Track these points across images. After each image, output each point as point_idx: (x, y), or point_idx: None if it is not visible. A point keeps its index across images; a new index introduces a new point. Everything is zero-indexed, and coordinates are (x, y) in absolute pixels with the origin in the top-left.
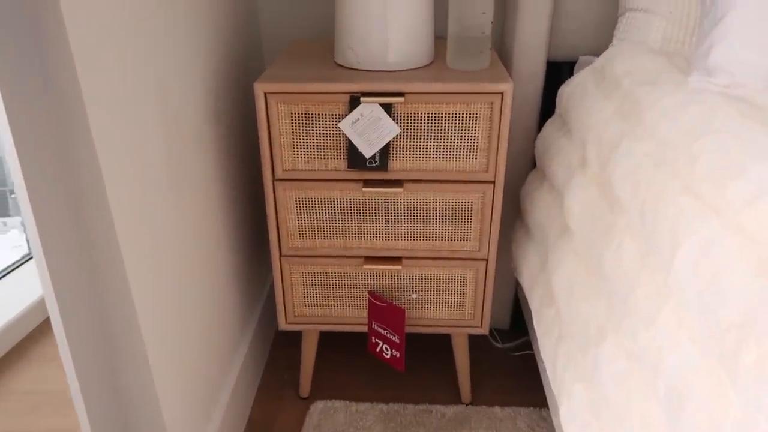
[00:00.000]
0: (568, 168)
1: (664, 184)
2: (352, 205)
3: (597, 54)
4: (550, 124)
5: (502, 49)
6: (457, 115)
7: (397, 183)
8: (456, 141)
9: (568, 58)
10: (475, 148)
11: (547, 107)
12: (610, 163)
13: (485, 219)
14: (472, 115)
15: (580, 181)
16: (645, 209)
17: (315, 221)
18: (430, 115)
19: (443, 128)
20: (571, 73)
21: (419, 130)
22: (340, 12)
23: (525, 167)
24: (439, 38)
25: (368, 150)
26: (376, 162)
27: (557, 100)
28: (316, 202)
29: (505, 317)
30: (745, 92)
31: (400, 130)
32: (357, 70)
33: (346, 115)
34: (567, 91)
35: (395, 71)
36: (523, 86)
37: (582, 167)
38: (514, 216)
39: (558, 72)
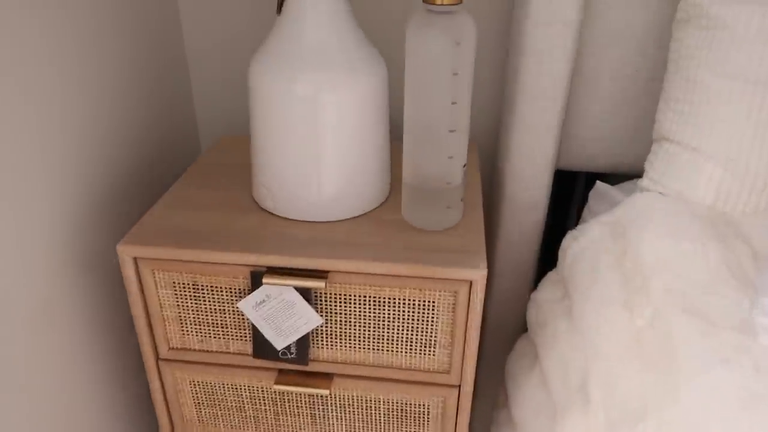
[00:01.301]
0: (564, 382)
1: None
2: (266, 395)
3: (627, 170)
4: (549, 286)
5: (493, 165)
6: (406, 302)
7: (324, 377)
8: (404, 333)
9: (585, 168)
10: (432, 343)
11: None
12: None
13: (447, 428)
14: (427, 304)
15: (579, 423)
16: None
17: (218, 409)
18: (366, 299)
19: (386, 316)
20: (587, 188)
21: (352, 315)
22: (254, 135)
23: (515, 316)
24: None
25: (279, 341)
26: (291, 354)
27: (560, 254)
28: (218, 388)
29: None
30: None
31: (322, 321)
32: (272, 215)
33: (248, 292)
34: (573, 252)
35: (326, 222)
36: (518, 218)
37: (583, 398)
38: (498, 378)
39: (570, 180)
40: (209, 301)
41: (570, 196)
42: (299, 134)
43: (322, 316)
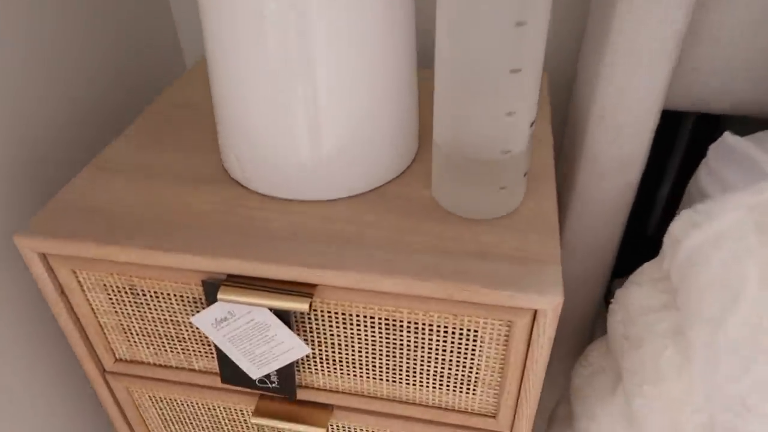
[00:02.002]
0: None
1: None
2: (247, 419)
3: (761, 113)
4: (646, 286)
5: (567, 108)
6: (434, 329)
7: (320, 408)
8: (430, 364)
9: (700, 108)
10: (472, 380)
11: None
12: None
13: None
14: (465, 333)
15: None
16: None
17: (191, 428)
18: (373, 320)
19: (403, 343)
20: (693, 136)
21: (354, 339)
22: (211, 74)
23: (585, 307)
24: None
25: (253, 369)
26: (272, 383)
27: (666, 243)
28: (186, 408)
29: None
30: None
31: (309, 351)
32: (244, 188)
33: (204, 303)
34: (691, 245)
35: (317, 202)
36: (603, 181)
37: None
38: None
39: (673, 124)
40: (155, 310)
41: (670, 147)
42: (273, 67)
43: (309, 340)
